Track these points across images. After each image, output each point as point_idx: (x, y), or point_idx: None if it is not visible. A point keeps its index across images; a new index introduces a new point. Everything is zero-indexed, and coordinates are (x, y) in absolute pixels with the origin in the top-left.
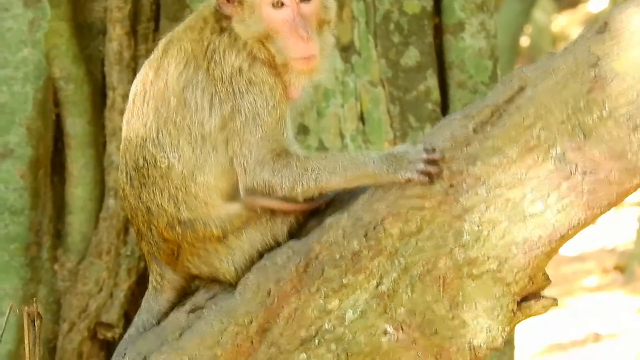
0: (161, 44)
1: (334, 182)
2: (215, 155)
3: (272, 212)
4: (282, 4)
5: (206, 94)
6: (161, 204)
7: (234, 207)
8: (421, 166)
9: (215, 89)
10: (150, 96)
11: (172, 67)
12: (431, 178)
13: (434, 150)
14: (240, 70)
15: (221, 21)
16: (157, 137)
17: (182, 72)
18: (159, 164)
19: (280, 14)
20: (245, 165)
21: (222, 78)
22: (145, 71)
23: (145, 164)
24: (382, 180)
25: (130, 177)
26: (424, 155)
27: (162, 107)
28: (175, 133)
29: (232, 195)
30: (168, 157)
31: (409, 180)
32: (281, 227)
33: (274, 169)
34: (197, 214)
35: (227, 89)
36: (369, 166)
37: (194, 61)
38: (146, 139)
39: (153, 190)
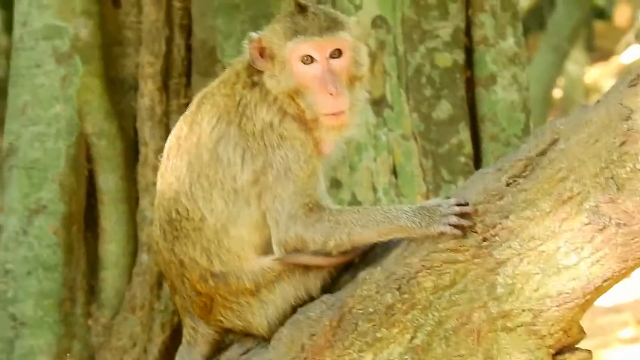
0: (196, 98)
1: (367, 235)
2: (248, 209)
3: (306, 266)
4: (313, 60)
5: (238, 149)
6: (194, 257)
7: (267, 261)
8: (454, 219)
9: (247, 144)
10: (184, 150)
11: (205, 121)
12: (464, 231)
13: (466, 203)
14: (271, 125)
15: (253, 76)
16: (191, 190)
17: (214, 126)
18: (192, 216)
19: (310, 70)
20: (278, 219)
21: (253, 133)
22: (180, 126)
23: (178, 217)
24: (414, 234)
25: (164, 230)
26: (457, 209)
27: (196, 161)
28: (208, 187)
29: (265, 249)
30: (201, 210)
31: (442, 234)
32: (314, 282)
33: (307, 223)
34: (229, 267)
35: (258, 143)
36: (401, 220)
37: (226, 116)
38: (179, 192)
39: (186, 243)
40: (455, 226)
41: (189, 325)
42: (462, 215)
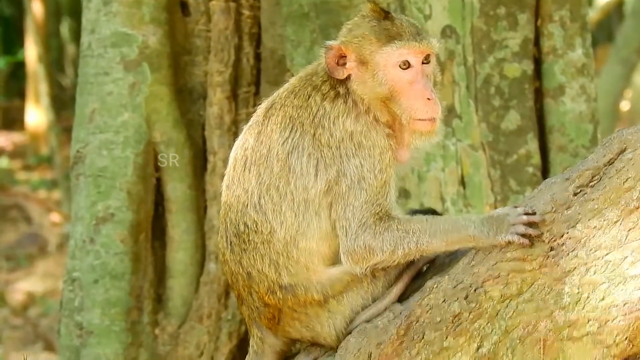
0: (261, 109)
1: (435, 245)
2: (317, 220)
3: (374, 275)
4: (409, 65)
5: (312, 160)
6: (262, 269)
7: (336, 272)
8: (521, 229)
9: (321, 154)
10: (252, 162)
11: (275, 133)
12: (531, 240)
13: (534, 213)
14: (352, 134)
15: (336, 87)
16: (259, 202)
17: (287, 138)
18: (260, 229)
19: (406, 75)
20: (348, 228)
21: (329, 143)
22: (245, 137)
23: (246, 230)
24: (482, 243)
25: (231, 243)
26: (524, 218)
27: (265, 172)
28: (277, 199)
29: (334, 259)
30: (270, 223)
31: (509, 243)
32: (382, 291)
33: (376, 232)
34: (298, 279)
35: (333, 153)
36: (469, 229)
37: (300, 127)
38: (247, 205)
39: (254, 256)
40: (523, 235)
41: (256, 335)
42: (529, 224)
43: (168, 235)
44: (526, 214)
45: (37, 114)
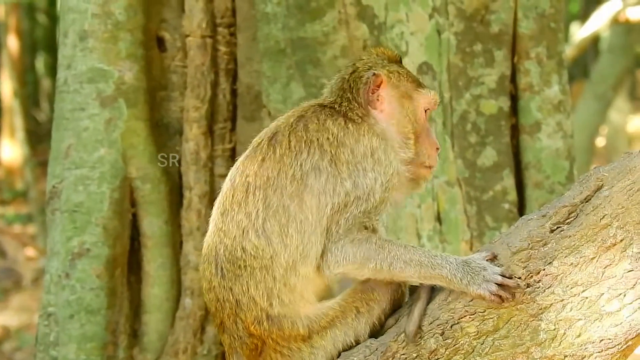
0: (261, 139)
1: (407, 273)
2: (320, 242)
3: (358, 311)
4: (426, 113)
5: (331, 178)
6: (253, 297)
7: (322, 307)
8: (494, 288)
9: (339, 171)
10: (256, 186)
11: (288, 157)
12: (501, 301)
13: (511, 277)
14: (373, 150)
15: (355, 113)
16: (264, 226)
17: (305, 159)
18: (261, 254)
19: (425, 121)
20: (335, 231)
21: (349, 160)
22: (244, 165)
23: (244, 255)
24: (453, 287)
25: (222, 269)
26: (499, 279)
27: (275, 195)
28: (285, 221)
29: (324, 294)
30: (273, 247)
31: (480, 296)
32: (364, 327)
33: (356, 238)
34: (288, 310)
35: (351, 168)
36: (443, 270)
37: (319, 148)
38: (249, 230)
39: (247, 282)
40: (494, 294)
41: None
42: (503, 286)
43: (144, 270)
44: (503, 275)
45: (12, 149)
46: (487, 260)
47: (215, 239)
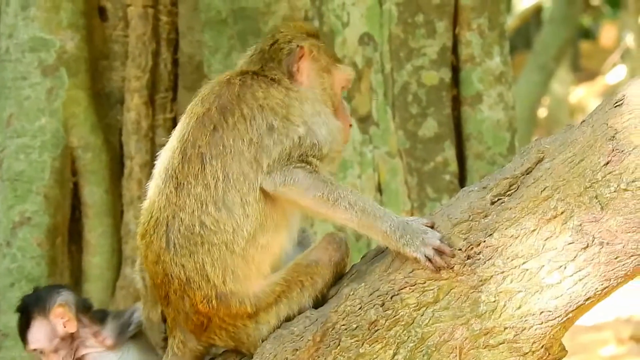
0: (199, 103)
1: (348, 215)
2: (276, 212)
3: (303, 285)
4: (342, 90)
5: (283, 130)
6: (207, 275)
7: (271, 282)
8: (430, 253)
9: (292, 123)
10: (212, 156)
11: (241, 124)
12: (435, 268)
13: (451, 246)
14: (318, 111)
15: (283, 82)
16: (224, 198)
17: (259, 124)
18: (222, 227)
19: (340, 94)
20: (286, 161)
21: (300, 116)
22: (194, 135)
23: (202, 231)
24: (389, 244)
25: (175, 245)
26: (437, 243)
27: (233, 163)
28: (246, 190)
29: (274, 269)
30: (235, 218)
31: (414, 259)
32: (308, 301)
33: (307, 168)
34: (239, 287)
35: (302, 121)
36: (384, 224)
37: (271, 112)
38: (208, 203)
39: (203, 259)
40: (430, 260)
41: (178, 338)
42: (440, 252)
43: (85, 239)
44: (441, 240)
45: None
46: (427, 226)
47: (167, 213)
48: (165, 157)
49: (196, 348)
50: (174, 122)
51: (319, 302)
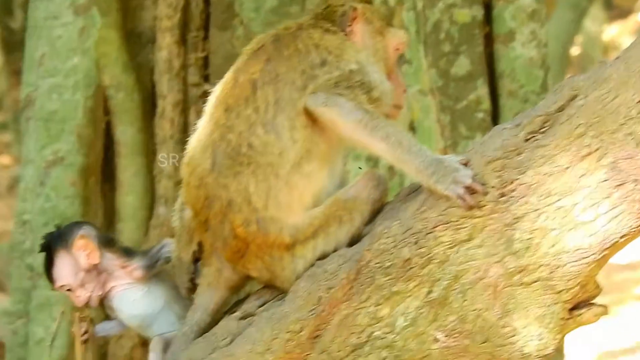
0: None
1: (383, 146)
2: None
3: (341, 220)
4: (396, 50)
5: (335, 64)
6: (250, 197)
7: (310, 215)
8: (461, 191)
9: (345, 61)
10: (264, 82)
11: (294, 57)
12: (466, 206)
13: (483, 184)
14: (372, 62)
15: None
16: (273, 121)
17: (312, 58)
18: (269, 150)
19: (394, 58)
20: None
21: (354, 58)
22: (247, 64)
23: (249, 151)
24: (421, 180)
25: (220, 165)
26: (469, 182)
27: (284, 89)
28: (294, 115)
29: (316, 203)
30: (283, 142)
31: (446, 197)
32: (345, 237)
33: (350, 96)
34: (280, 214)
35: (356, 62)
36: (417, 159)
37: (325, 51)
38: (257, 125)
39: (247, 180)
40: (461, 198)
41: (214, 266)
42: (471, 190)
43: (118, 179)
44: (473, 178)
45: None
46: (461, 164)
47: (215, 136)
48: (217, 88)
49: (231, 278)
50: (206, 61)
51: (354, 239)
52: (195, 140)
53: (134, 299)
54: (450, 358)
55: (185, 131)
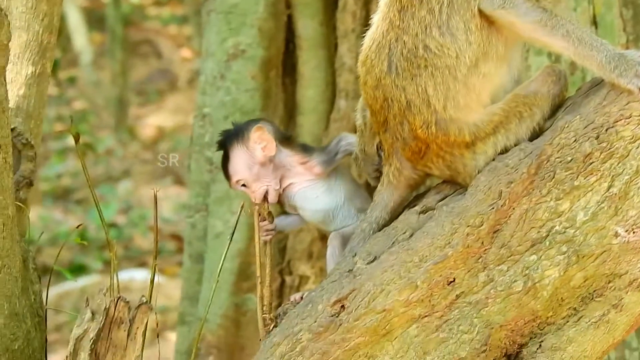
0: None
1: (564, 43)
2: (497, 40)
3: (521, 116)
4: None
5: None
6: (429, 99)
7: (489, 112)
8: None
9: None
10: None
11: None
12: None
13: None
14: None
15: None
16: (448, 23)
17: None
18: (446, 52)
19: None
20: None
21: None
22: None
23: (426, 54)
24: (603, 74)
25: (397, 67)
26: None
27: None
28: (469, 17)
29: (495, 99)
30: (458, 44)
31: (629, 91)
32: (526, 132)
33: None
34: (459, 115)
35: None
36: (599, 54)
37: None
38: (432, 27)
39: (426, 82)
40: None
41: (394, 165)
42: None
43: (298, 72)
44: None
45: None
46: None
47: (390, 36)
48: None
49: (411, 176)
50: None
51: (535, 134)
52: (369, 38)
53: (317, 195)
54: (631, 253)
55: (366, 25)
